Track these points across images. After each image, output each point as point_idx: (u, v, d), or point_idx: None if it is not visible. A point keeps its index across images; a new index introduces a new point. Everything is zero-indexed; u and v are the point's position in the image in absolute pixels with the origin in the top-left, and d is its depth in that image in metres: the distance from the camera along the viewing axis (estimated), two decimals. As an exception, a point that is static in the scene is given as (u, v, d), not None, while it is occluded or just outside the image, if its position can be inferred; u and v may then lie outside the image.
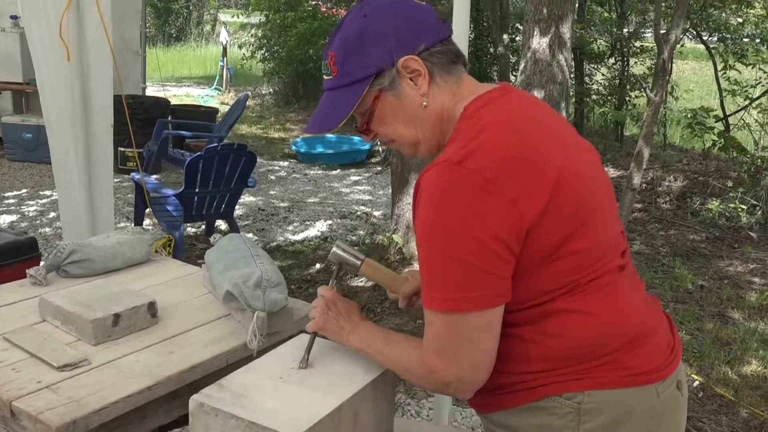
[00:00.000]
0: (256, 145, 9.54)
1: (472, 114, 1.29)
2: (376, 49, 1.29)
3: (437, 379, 1.28)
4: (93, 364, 1.68)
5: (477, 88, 1.35)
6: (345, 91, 1.33)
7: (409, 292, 1.61)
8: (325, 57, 1.35)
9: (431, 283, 1.23)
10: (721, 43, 8.12)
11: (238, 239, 2.11)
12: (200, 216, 4.92)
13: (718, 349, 3.90)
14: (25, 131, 7.65)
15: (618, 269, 1.34)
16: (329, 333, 1.51)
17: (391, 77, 1.30)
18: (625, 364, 1.29)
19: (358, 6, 1.34)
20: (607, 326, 1.29)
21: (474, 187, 1.17)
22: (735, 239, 5.99)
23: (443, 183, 1.19)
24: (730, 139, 7.27)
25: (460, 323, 1.22)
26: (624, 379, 1.28)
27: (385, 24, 1.30)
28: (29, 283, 2.12)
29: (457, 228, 1.18)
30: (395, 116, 1.35)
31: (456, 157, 1.20)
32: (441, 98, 1.33)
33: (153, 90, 11.05)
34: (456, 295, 1.21)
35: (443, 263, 1.21)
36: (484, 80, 11.20)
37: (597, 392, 1.27)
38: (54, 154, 3.26)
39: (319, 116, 1.37)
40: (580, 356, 1.28)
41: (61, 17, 3.05)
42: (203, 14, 25.82)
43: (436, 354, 1.26)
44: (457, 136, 1.27)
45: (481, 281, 1.20)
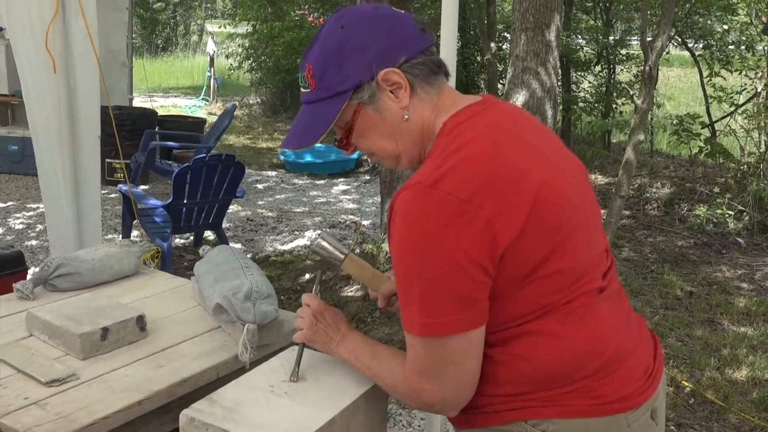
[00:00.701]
0: (244, 155, 9.52)
1: (450, 131, 1.26)
2: (355, 62, 1.25)
3: (422, 399, 1.27)
4: (81, 379, 1.66)
5: (458, 100, 1.32)
6: (323, 105, 1.29)
7: (388, 293, 1.59)
8: (302, 69, 1.31)
9: (409, 305, 1.21)
10: (706, 50, 8.18)
11: (228, 251, 2.10)
12: (189, 227, 4.89)
13: (708, 355, 3.91)
14: (11, 143, 7.60)
15: (597, 291, 1.30)
16: (318, 344, 1.49)
17: (371, 90, 1.26)
18: (595, 392, 1.25)
19: (336, 17, 1.31)
20: (579, 351, 1.25)
21: (448, 210, 1.14)
22: (723, 245, 6.02)
23: (417, 206, 1.16)
24: (716, 145, 7.32)
25: (441, 347, 1.20)
26: (593, 408, 1.24)
27: (364, 35, 1.26)
28: (16, 297, 2.10)
29: (433, 251, 1.15)
30: (375, 129, 1.31)
31: (430, 178, 1.17)
32: (422, 111, 1.30)
33: (140, 101, 11.02)
34: (434, 320, 1.18)
35: (420, 287, 1.18)
36: (472, 88, 11.30)
37: (563, 420, 1.24)
38: (40, 167, 3.24)
39: (297, 131, 1.33)
40: (549, 381, 1.25)
41: (47, 29, 3.04)
42: (190, 25, 25.81)
43: (419, 375, 1.24)
44: (433, 153, 1.24)
45: (458, 304, 1.18)
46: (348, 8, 1.33)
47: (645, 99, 3.72)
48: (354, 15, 1.29)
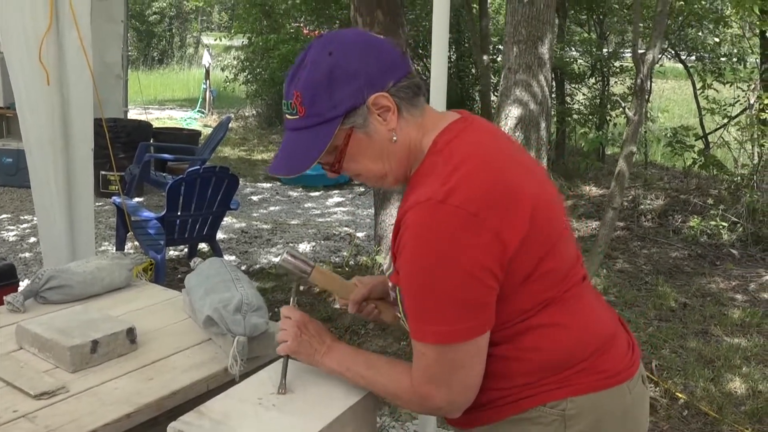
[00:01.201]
0: (239, 167, 9.53)
1: (442, 149, 1.32)
2: (346, 88, 1.28)
3: (429, 405, 1.33)
4: (71, 392, 1.65)
5: (439, 119, 1.38)
6: (314, 131, 1.30)
7: (359, 298, 1.63)
8: (288, 96, 1.31)
9: (422, 317, 1.27)
10: (698, 62, 8.23)
11: (219, 263, 2.10)
12: (182, 239, 4.89)
13: (701, 367, 3.91)
14: (5, 156, 7.60)
15: (581, 280, 1.42)
16: (302, 356, 1.50)
17: (363, 115, 1.30)
18: (599, 368, 1.36)
19: (321, 44, 1.32)
20: (581, 335, 1.37)
21: (459, 223, 1.21)
22: (717, 256, 6.03)
23: (429, 221, 1.22)
24: (710, 157, 7.35)
25: (452, 353, 1.26)
26: (601, 382, 1.36)
27: (353, 61, 1.29)
28: (6, 310, 2.09)
29: (447, 263, 1.21)
30: (365, 152, 1.34)
31: (439, 194, 1.22)
32: (408, 131, 1.34)
33: (135, 113, 11.03)
34: (449, 327, 1.24)
35: (434, 298, 1.24)
36: (467, 100, 11.35)
37: (578, 398, 1.34)
38: (34, 178, 3.24)
39: (288, 157, 1.34)
40: (560, 366, 1.34)
41: (41, 41, 3.05)
42: (186, 37, 25.87)
43: (427, 382, 1.29)
44: (432, 171, 1.29)
45: (471, 311, 1.25)
46: (331, 34, 1.34)
47: (637, 111, 3.74)
48: (341, 41, 1.31)
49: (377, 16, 4.37)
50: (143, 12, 23.16)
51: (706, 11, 7.68)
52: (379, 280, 1.66)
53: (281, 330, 1.52)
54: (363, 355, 1.47)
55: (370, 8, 4.38)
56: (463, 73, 11.53)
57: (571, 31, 10.01)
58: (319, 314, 4.41)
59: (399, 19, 4.55)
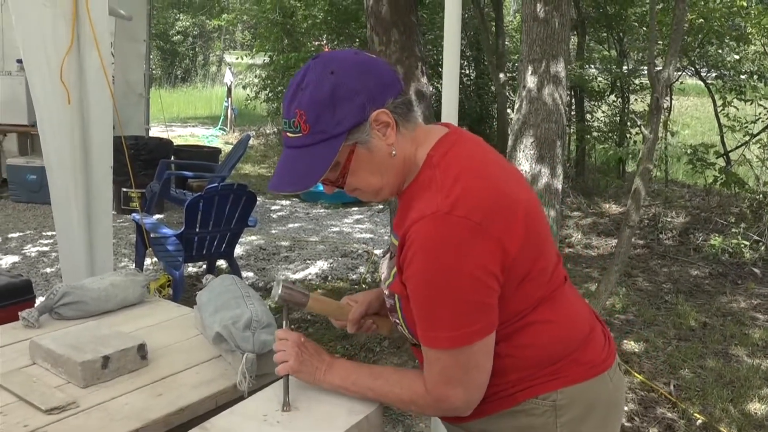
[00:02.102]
0: (259, 184, 9.59)
1: (438, 162, 1.38)
2: (349, 105, 1.32)
3: (446, 407, 1.40)
4: (81, 407, 1.67)
5: (429, 133, 1.45)
6: (319, 148, 1.33)
7: (358, 317, 1.68)
8: (289, 115, 1.34)
9: (435, 325, 1.33)
10: (718, 79, 8.17)
11: (230, 280, 2.12)
12: (201, 256, 4.92)
13: (721, 387, 3.85)
14: (29, 173, 7.73)
15: (564, 279, 1.52)
16: (304, 375, 1.53)
17: (365, 131, 1.35)
18: (584, 359, 1.47)
19: (321, 63, 1.35)
20: (569, 330, 1.48)
21: (466, 232, 1.28)
22: (738, 275, 5.96)
23: (437, 232, 1.28)
24: (731, 174, 7.28)
25: (465, 354, 1.34)
26: (587, 372, 1.47)
27: (355, 80, 1.33)
28: (22, 325, 2.12)
29: (457, 272, 1.28)
30: (365, 167, 1.39)
31: (444, 206, 1.29)
32: (404, 145, 1.41)
33: (158, 131, 11.16)
34: (462, 331, 1.31)
35: (446, 306, 1.30)
36: (486, 118, 11.35)
37: (567, 389, 1.44)
38: (54, 196, 3.28)
39: (290, 174, 1.36)
40: (550, 360, 1.44)
41: (62, 61, 3.10)
42: (209, 56, 26.18)
43: (444, 385, 1.37)
44: (430, 184, 1.35)
45: (480, 314, 1.32)
46: (328, 55, 1.38)
47: (653, 129, 3.72)
48: (341, 61, 1.35)
49: (393, 35, 4.40)
50: (167, 31, 23.49)
51: (727, 29, 7.63)
52: (372, 296, 1.71)
53: (279, 351, 1.55)
54: (366, 368, 1.52)
55: (386, 27, 4.41)
56: (483, 90, 11.55)
57: (590, 49, 9.99)
58: (335, 332, 4.41)
59: (415, 38, 4.58)
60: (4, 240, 6.43)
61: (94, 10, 3.12)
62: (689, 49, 7.79)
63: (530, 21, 3.88)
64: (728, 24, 7.63)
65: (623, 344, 4.41)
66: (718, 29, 7.44)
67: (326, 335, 4.35)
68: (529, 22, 3.89)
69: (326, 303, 1.69)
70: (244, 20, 17.19)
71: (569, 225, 7.44)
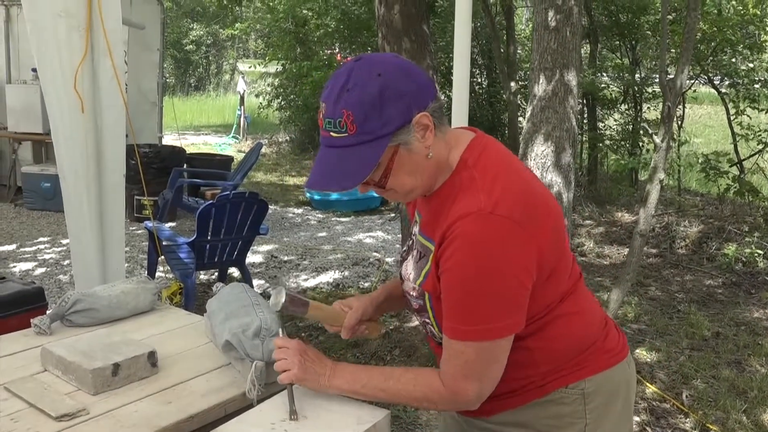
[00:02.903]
0: (271, 192, 9.63)
1: (474, 163, 1.44)
2: (396, 107, 1.35)
3: (461, 400, 1.44)
4: (91, 414, 1.68)
5: (459, 136, 1.50)
6: (365, 148, 1.36)
7: (354, 323, 1.71)
8: (335, 115, 1.35)
9: (469, 318, 1.37)
10: (731, 88, 8.14)
11: (240, 288, 2.12)
12: (212, 264, 4.95)
13: (734, 398, 3.82)
14: (44, 180, 7.80)
15: (579, 275, 1.60)
16: (308, 382, 1.54)
17: (408, 133, 1.38)
18: (606, 347, 1.57)
19: (365, 65, 1.37)
20: (591, 320, 1.56)
21: (507, 231, 1.34)
22: (752, 285, 5.92)
23: (481, 230, 1.33)
24: (745, 183, 7.24)
25: (491, 349, 1.39)
26: (609, 360, 1.56)
27: (401, 83, 1.36)
28: (33, 332, 2.14)
29: (498, 268, 1.34)
30: (404, 168, 1.42)
31: (488, 206, 1.34)
32: (439, 148, 1.45)
33: (171, 139, 11.23)
34: (492, 325, 1.37)
35: (484, 299, 1.35)
36: (498, 126, 11.36)
37: (595, 376, 1.52)
38: (67, 204, 3.31)
39: (337, 173, 1.38)
40: (577, 350, 1.51)
41: (76, 70, 3.13)
42: (222, 64, 26.32)
43: (464, 378, 1.41)
44: (471, 184, 1.41)
45: (512, 310, 1.38)
46: (371, 57, 1.40)
47: (664, 138, 3.71)
48: (386, 64, 1.38)
49: (404, 43, 4.42)
50: (180, 40, 23.66)
51: (740, 37, 7.60)
52: (367, 302, 1.75)
53: (280, 360, 1.56)
54: (374, 369, 1.55)
55: (398, 36, 4.43)
56: (494, 99, 11.56)
57: (603, 57, 9.97)
58: (345, 341, 4.40)
59: (426, 47, 4.60)
60: (18, 247, 6.48)
61: (107, 20, 3.15)
62: (702, 58, 7.77)
63: (542, 30, 3.89)
64: (741, 32, 7.61)
65: (635, 354, 4.38)
66: (731, 37, 7.41)
67: (336, 344, 4.35)
68: (541, 30, 3.90)
69: (324, 310, 1.70)
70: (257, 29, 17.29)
71: (581, 233, 7.42)
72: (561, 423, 1.51)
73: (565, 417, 1.51)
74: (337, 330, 1.72)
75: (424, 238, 1.51)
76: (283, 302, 1.58)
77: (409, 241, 1.65)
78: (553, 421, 1.51)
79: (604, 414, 1.53)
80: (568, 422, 1.51)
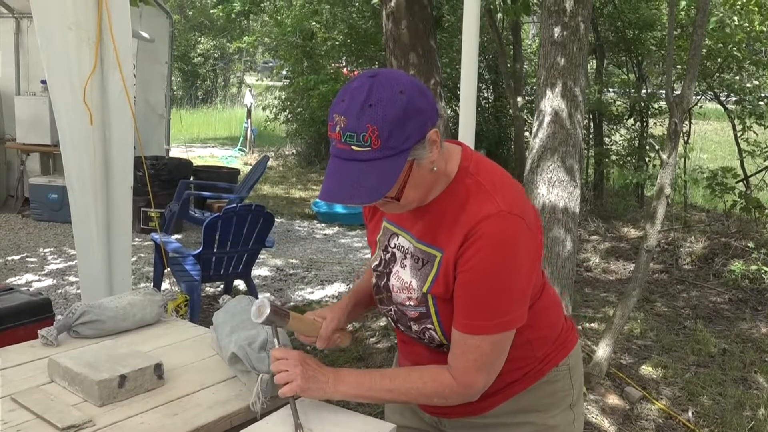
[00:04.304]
0: (277, 204, 9.64)
1: (476, 170, 1.53)
2: (415, 123, 1.39)
3: (471, 392, 1.53)
4: (97, 426, 1.68)
5: (450, 149, 1.58)
6: (386, 163, 1.38)
7: (330, 333, 1.75)
8: (359, 129, 1.36)
9: (489, 313, 1.46)
10: (737, 105, 8.14)
11: (246, 301, 2.13)
12: (218, 276, 4.96)
13: (740, 415, 3.80)
14: (51, 192, 7.83)
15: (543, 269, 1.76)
16: (312, 391, 1.55)
17: (423, 148, 1.42)
18: (570, 326, 1.77)
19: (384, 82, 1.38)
20: (560, 304, 1.77)
21: (523, 230, 1.45)
22: (759, 301, 5.89)
23: (504, 229, 1.43)
24: (751, 199, 7.22)
25: (503, 340, 1.50)
26: (576, 336, 1.78)
27: (420, 100, 1.40)
28: (40, 343, 2.14)
29: (517, 264, 1.45)
30: (413, 182, 1.46)
31: (504, 207, 1.45)
32: (441, 162, 1.51)
33: (178, 151, 11.27)
34: (509, 317, 1.47)
35: (501, 294, 1.45)
36: (504, 141, 11.36)
37: (572, 352, 1.73)
38: (74, 215, 3.33)
39: (361, 187, 1.39)
40: (558, 332, 1.70)
41: (86, 83, 3.16)
42: (230, 77, 26.45)
43: (476, 371, 1.50)
44: (479, 189, 1.49)
45: (522, 302, 1.50)
46: (387, 74, 1.42)
47: (670, 154, 3.71)
48: (405, 81, 1.42)
49: (411, 58, 4.45)
50: (188, 53, 23.80)
51: (746, 54, 7.60)
52: (340, 312, 1.79)
53: (281, 372, 1.56)
54: (374, 372, 1.59)
55: (405, 51, 4.46)
56: (501, 113, 11.57)
57: (609, 73, 9.99)
58: (351, 353, 4.41)
59: (433, 61, 4.62)
60: (25, 257, 6.50)
61: (117, 33, 3.18)
62: (708, 74, 7.77)
63: (548, 45, 3.91)
64: (747, 49, 7.61)
65: (641, 369, 4.37)
66: (736, 54, 7.42)
67: (341, 357, 4.35)
68: (547, 46, 3.92)
69: (302, 321, 1.71)
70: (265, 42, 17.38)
71: (587, 249, 7.41)
72: (555, 399, 1.68)
73: (558, 392, 1.68)
74: (311, 341, 1.74)
75: (425, 245, 1.54)
76: (268, 314, 1.58)
77: (386, 254, 1.66)
78: (549, 399, 1.67)
79: (580, 382, 1.76)
80: (561, 396, 1.69)
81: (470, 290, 1.46)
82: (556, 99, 3.86)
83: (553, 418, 1.68)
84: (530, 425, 1.66)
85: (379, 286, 1.68)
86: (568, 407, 1.71)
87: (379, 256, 1.69)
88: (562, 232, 3.88)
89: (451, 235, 1.48)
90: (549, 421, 1.67)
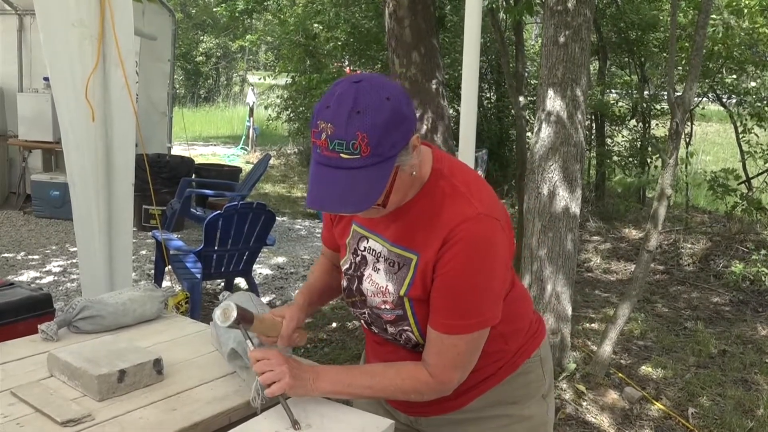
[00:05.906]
0: (279, 203, 9.65)
1: (450, 172, 1.54)
2: (401, 130, 1.39)
3: (446, 389, 1.55)
4: (96, 420, 1.69)
5: (423, 150, 1.55)
6: (376, 169, 1.38)
7: (291, 332, 1.74)
8: (348, 137, 1.34)
9: (467, 312, 1.48)
10: (738, 106, 8.13)
11: (246, 297, 2.13)
12: (219, 274, 4.96)
13: (740, 416, 3.80)
14: (53, 189, 7.84)
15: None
16: (298, 389, 1.55)
17: (407, 153, 1.42)
18: (538, 317, 1.81)
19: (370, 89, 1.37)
20: (529, 297, 1.82)
21: (499, 231, 1.48)
22: (759, 303, 5.89)
23: (482, 231, 1.45)
24: (753, 200, 7.22)
25: (479, 338, 1.53)
26: (544, 327, 1.82)
27: (404, 107, 1.40)
28: (40, 338, 2.15)
29: (495, 265, 1.48)
30: (396, 187, 1.46)
31: (481, 209, 1.46)
32: (418, 165, 1.50)
33: (180, 149, 11.28)
34: (483, 317, 1.50)
35: (479, 294, 1.48)
36: (506, 141, 11.35)
37: (542, 343, 1.77)
38: (76, 212, 3.33)
39: (352, 195, 1.38)
40: (529, 324, 1.74)
41: (88, 79, 3.16)
42: (232, 76, 26.46)
43: (452, 369, 1.52)
44: (454, 192, 1.50)
45: (497, 301, 1.53)
46: (371, 78, 1.41)
47: (672, 155, 3.72)
48: (390, 88, 1.41)
49: (414, 57, 4.45)
50: (191, 52, 23.82)
51: (747, 56, 7.60)
52: (298, 311, 1.78)
53: (264, 373, 1.55)
54: (356, 369, 1.64)
55: (407, 50, 4.46)
56: (503, 113, 11.57)
57: (611, 74, 9.98)
58: (351, 351, 4.42)
59: (435, 61, 4.62)
60: (27, 254, 6.51)
61: (120, 31, 3.19)
62: (710, 75, 7.77)
63: (550, 45, 3.91)
64: (749, 51, 7.61)
65: (640, 370, 4.37)
66: (737, 56, 7.41)
67: (341, 355, 4.35)
68: (549, 46, 3.92)
69: (264, 321, 1.71)
70: (268, 41, 17.39)
71: (588, 249, 7.41)
72: (529, 390, 1.72)
73: (531, 383, 1.72)
74: (271, 341, 1.74)
75: (401, 249, 1.55)
76: (235, 317, 1.58)
77: (355, 257, 1.66)
78: (523, 391, 1.70)
79: (550, 372, 1.80)
80: (535, 387, 1.73)
81: (448, 292, 1.48)
82: (557, 99, 3.86)
83: (528, 408, 1.71)
84: (506, 417, 1.69)
85: (351, 290, 1.68)
86: (541, 397, 1.75)
87: (349, 259, 1.68)
88: (563, 232, 3.89)
89: (428, 238, 1.49)
90: (524, 411, 1.71)
